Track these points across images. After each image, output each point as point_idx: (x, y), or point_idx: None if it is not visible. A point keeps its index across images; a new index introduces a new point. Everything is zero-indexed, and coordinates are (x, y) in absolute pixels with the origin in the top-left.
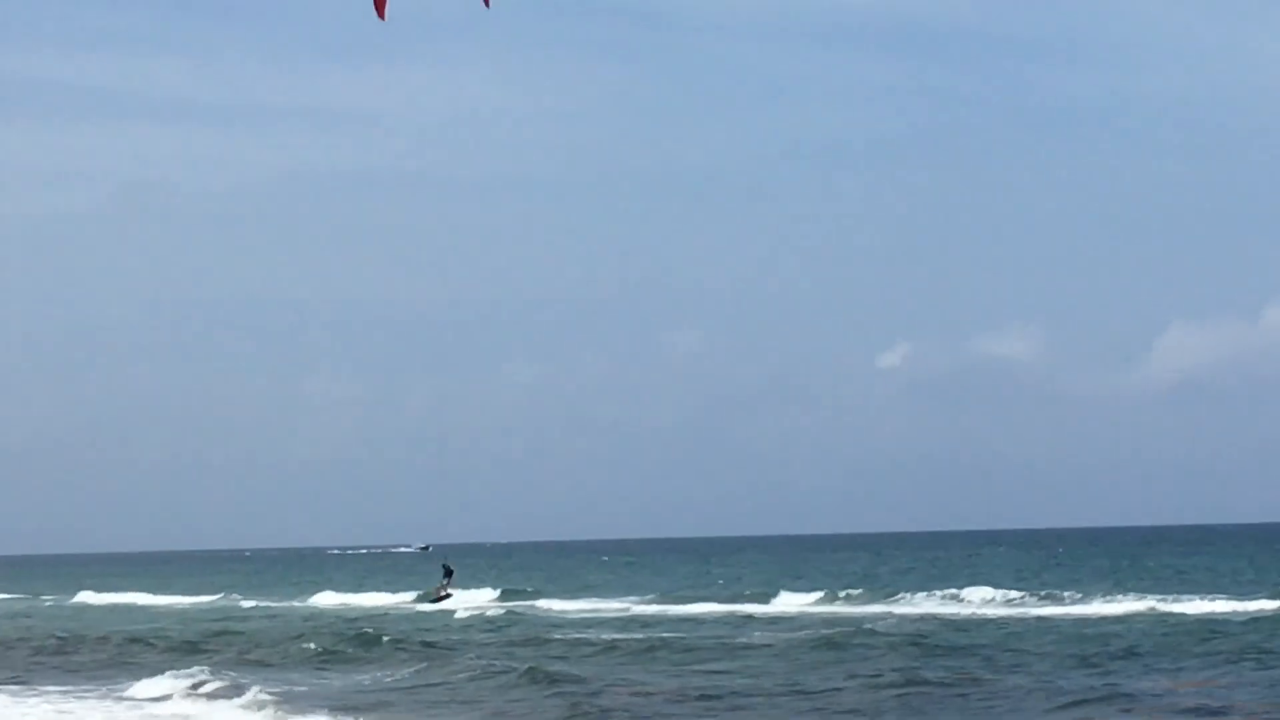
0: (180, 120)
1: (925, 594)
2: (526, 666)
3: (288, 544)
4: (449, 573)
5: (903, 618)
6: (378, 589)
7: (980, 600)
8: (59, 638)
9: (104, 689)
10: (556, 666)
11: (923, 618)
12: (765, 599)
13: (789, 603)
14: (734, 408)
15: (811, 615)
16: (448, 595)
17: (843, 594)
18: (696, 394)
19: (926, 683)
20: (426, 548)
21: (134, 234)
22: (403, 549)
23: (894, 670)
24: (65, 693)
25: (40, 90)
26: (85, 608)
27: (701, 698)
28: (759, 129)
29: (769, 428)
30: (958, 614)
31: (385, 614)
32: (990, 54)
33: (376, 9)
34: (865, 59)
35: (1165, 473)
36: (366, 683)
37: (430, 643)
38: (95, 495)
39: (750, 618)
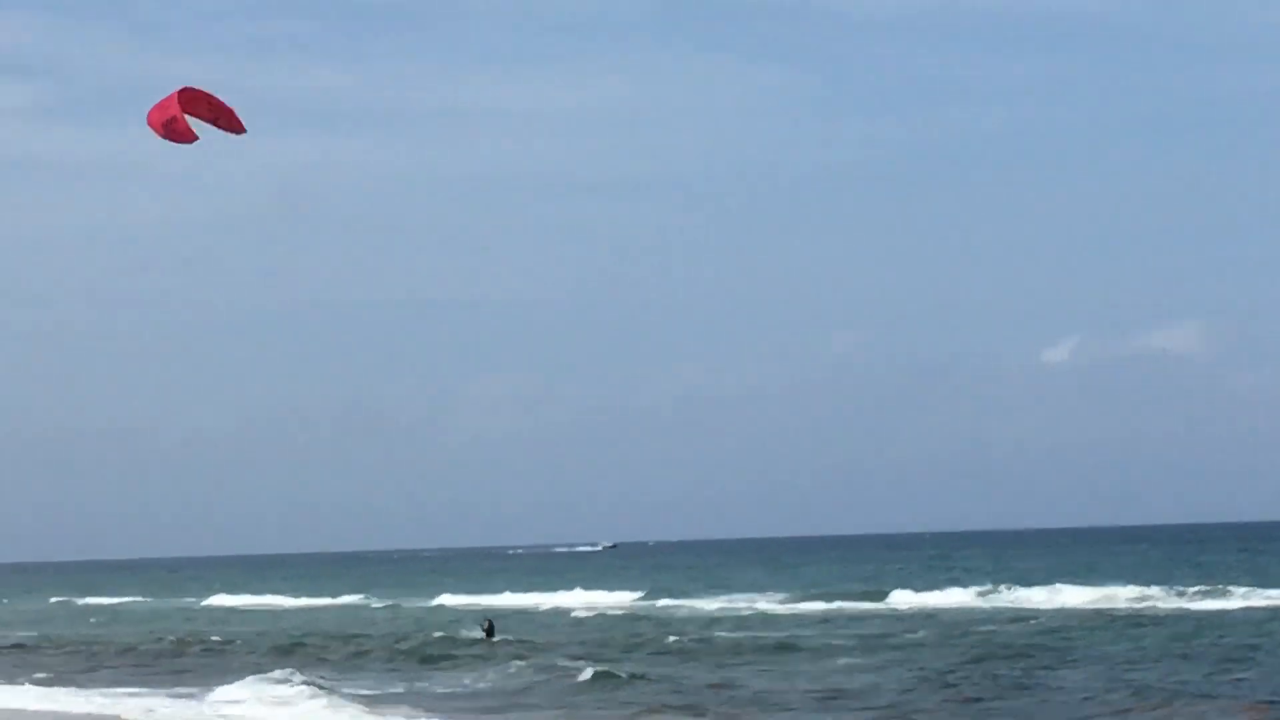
0: (334, 124)
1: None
2: (598, 670)
3: (470, 544)
4: (490, 631)
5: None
6: (530, 589)
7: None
8: (174, 640)
9: (189, 692)
10: (636, 667)
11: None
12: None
13: (943, 599)
14: (896, 406)
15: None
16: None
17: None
18: (858, 393)
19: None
20: (613, 546)
21: (289, 237)
22: (587, 548)
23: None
24: (145, 695)
25: None
26: (208, 610)
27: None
28: (919, 126)
29: (931, 425)
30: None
31: (507, 615)
32: (1161, 49)
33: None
34: (1028, 54)
35: None
36: (458, 683)
37: (533, 642)
38: (258, 496)
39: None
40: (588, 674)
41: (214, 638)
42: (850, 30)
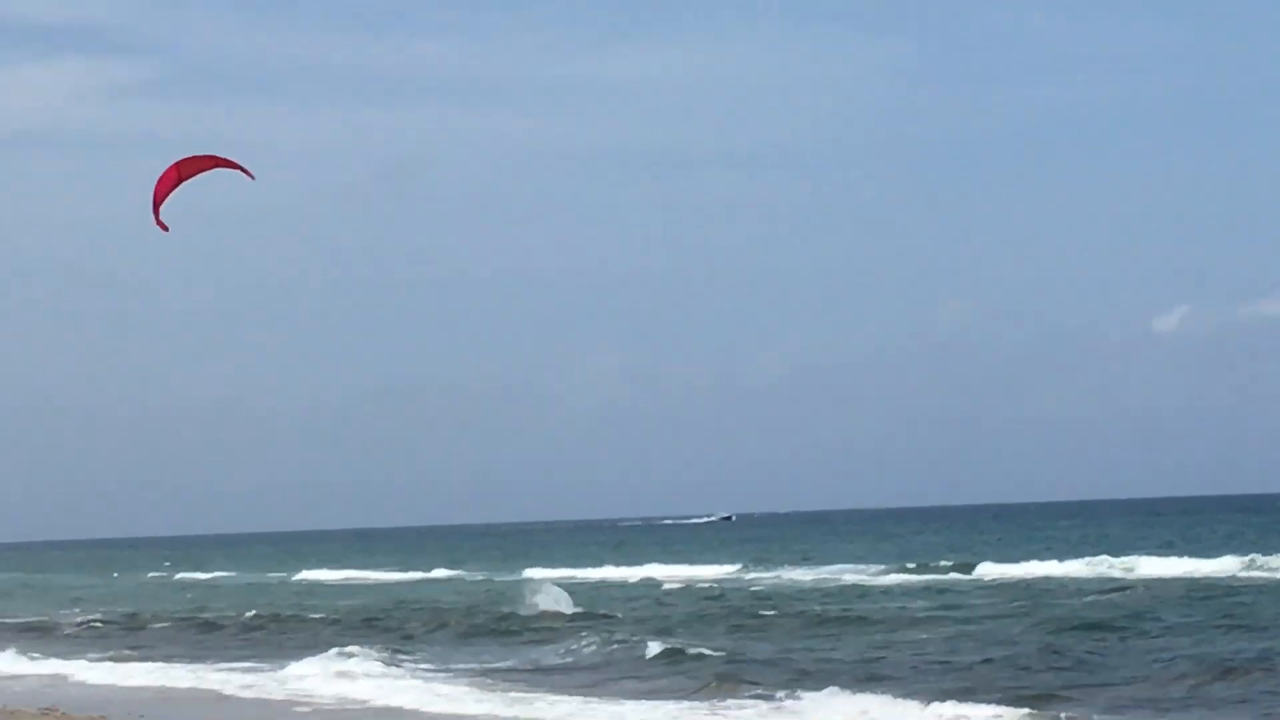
0: (445, 97)
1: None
2: (666, 645)
3: (582, 517)
4: (564, 605)
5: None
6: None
7: None
8: (255, 615)
9: (263, 667)
10: (707, 641)
11: None
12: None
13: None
14: (1004, 376)
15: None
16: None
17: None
18: (966, 363)
19: None
20: (729, 517)
21: (400, 211)
22: (703, 519)
23: None
24: (220, 670)
25: (303, 71)
26: (298, 584)
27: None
28: (1031, 94)
29: (1039, 394)
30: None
31: (596, 588)
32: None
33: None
34: (1145, 21)
35: None
36: (525, 658)
37: (611, 616)
38: (364, 470)
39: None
40: (654, 649)
41: (297, 613)
42: None
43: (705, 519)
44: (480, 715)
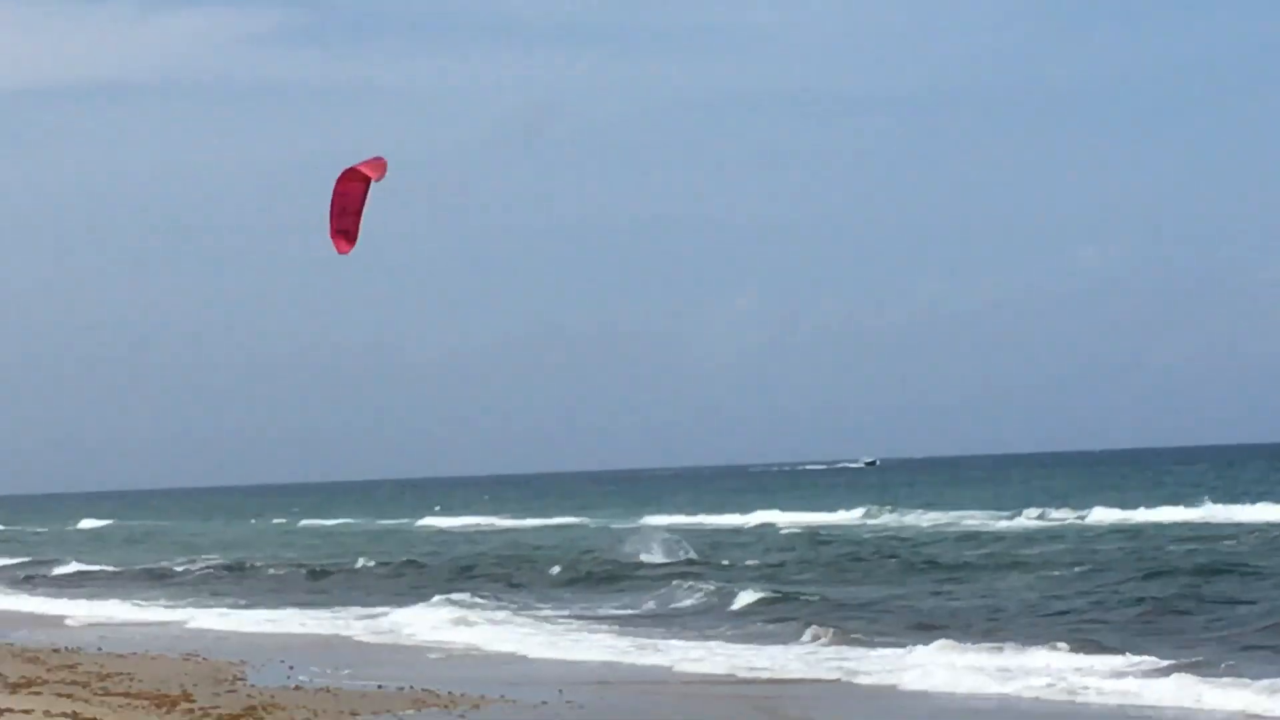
0: (577, 42)
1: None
2: (761, 593)
3: (725, 462)
4: (665, 551)
5: None
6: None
7: None
8: (368, 562)
9: (369, 613)
10: (806, 588)
11: None
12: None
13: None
14: (1143, 320)
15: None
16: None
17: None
18: (1104, 307)
19: None
20: (873, 462)
21: (532, 158)
22: (849, 464)
23: None
24: (337, 616)
25: (442, 16)
26: (419, 531)
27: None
28: (1176, 35)
29: (1180, 338)
30: None
31: (709, 534)
32: None
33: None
34: None
35: None
36: (618, 603)
37: (714, 562)
38: (501, 418)
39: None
40: (748, 597)
41: (413, 559)
42: None
43: (850, 464)
44: (590, 661)
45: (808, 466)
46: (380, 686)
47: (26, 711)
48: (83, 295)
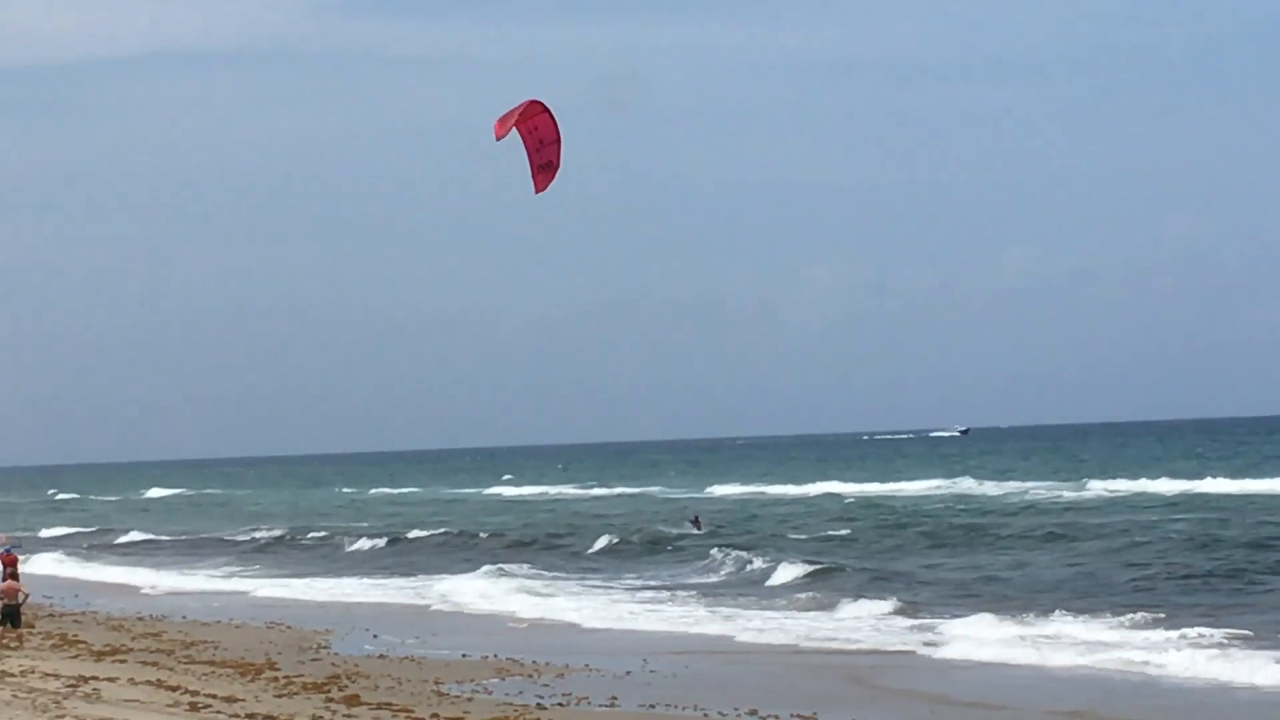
0: (660, 11)
1: None
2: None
3: (820, 430)
4: (697, 522)
5: None
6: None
7: None
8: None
9: (417, 584)
10: (846, 559)
11: None
12: None
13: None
14: (1231, 289)
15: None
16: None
17: None
18: (1192, 276)
19: None
20: (965, 430)
21: (620, 125)
22: (941, 433)
23: None
24: (372, 585)
25: None
26: (483, 500)
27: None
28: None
29: (1268, 308)
30: None
31: (768, 504)
32: None
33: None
34: None
35: None
36: (656, 575)
37: (746, 535)
38: (590, 384)
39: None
40: (791, 570)
41: (471, 529)
42: None
43: (943, 433)
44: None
45: (903, 435)
46: (465, 655)
47: (111, 679)
48: (165, 264)
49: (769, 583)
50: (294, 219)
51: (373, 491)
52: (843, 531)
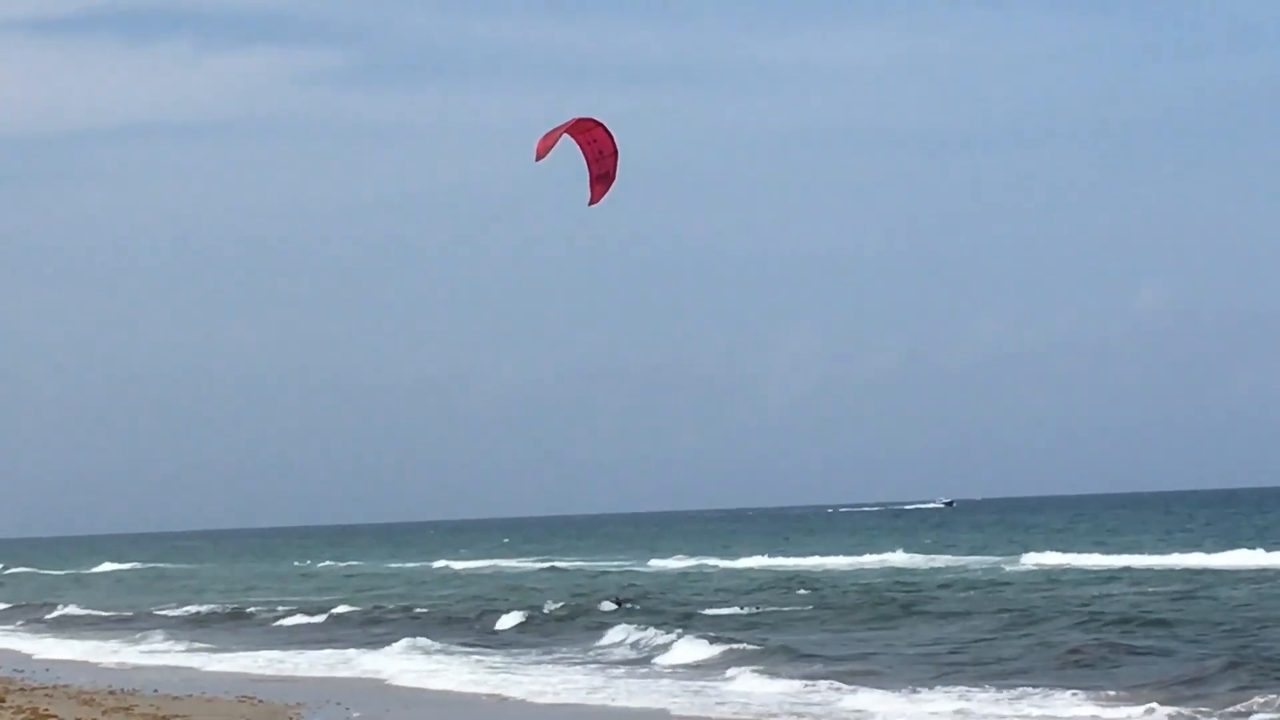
0: (642, 81)
1: None
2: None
3: (808, 502)
4: (619, 602)
5: None
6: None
7: None
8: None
9: (331, 658)
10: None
11: None
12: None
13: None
14: (1205, 361)
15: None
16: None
17: None
18: (1165, 348)
19: None
20: (950, 503)
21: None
22: (924, 505)
23: None
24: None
25: (505, 57)
26: (429, 573)
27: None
28: (1232, 70)
29: (1245, 380)
30: None
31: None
32: None
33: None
34: None
35: None
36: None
37: (664, 612)
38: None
39: None
40: (679, 643)
41: (400, 604)
42: None
43: (926, 505)
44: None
45: (868, 508)
46: None
47: None
48: (131, 333)
49: (662, 658)
50: (260, 289)
51: (320, 565)
52: (749, 610)
